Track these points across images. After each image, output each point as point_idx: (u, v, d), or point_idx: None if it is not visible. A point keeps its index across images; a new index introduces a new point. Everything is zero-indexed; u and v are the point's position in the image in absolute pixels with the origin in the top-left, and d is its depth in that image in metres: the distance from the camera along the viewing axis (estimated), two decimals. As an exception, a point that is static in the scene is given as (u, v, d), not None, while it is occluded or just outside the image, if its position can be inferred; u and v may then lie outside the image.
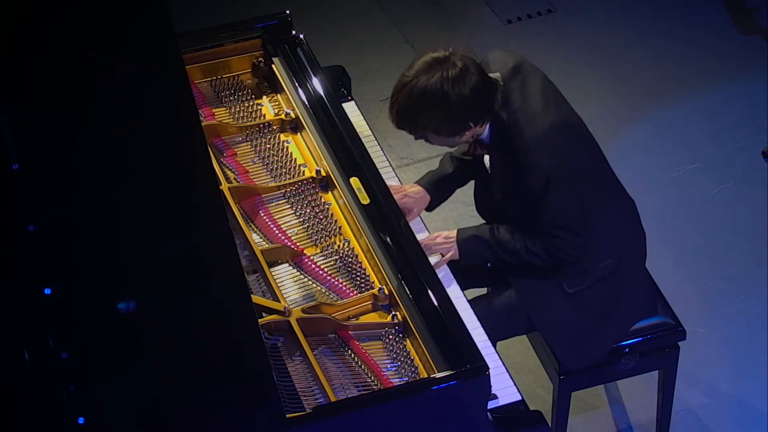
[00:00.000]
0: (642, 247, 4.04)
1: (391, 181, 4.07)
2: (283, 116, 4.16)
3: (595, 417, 4.52)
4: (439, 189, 4.13)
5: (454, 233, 3.95)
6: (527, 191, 3.77)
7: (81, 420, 3.07)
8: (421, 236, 3.96)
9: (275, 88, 4.27)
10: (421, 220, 4.11)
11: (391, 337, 3.61)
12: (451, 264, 3.95)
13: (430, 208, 4.15)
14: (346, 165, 3.94)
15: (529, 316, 3.96)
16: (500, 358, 3.67)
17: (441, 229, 4.12)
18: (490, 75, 3.78)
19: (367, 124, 4.30)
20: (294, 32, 4.32)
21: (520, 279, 3.96)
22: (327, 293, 3.71)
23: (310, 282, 3.73)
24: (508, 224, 3.90)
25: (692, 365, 4.58)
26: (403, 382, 3.49)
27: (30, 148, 3.14)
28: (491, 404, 3.48)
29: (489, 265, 4.01)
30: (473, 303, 3.86)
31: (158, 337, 3.15)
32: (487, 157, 3.94)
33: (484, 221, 4.09)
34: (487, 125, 3.81)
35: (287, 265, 3.77)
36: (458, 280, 3.89)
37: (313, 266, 3.76)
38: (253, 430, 3.22)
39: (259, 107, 4.22)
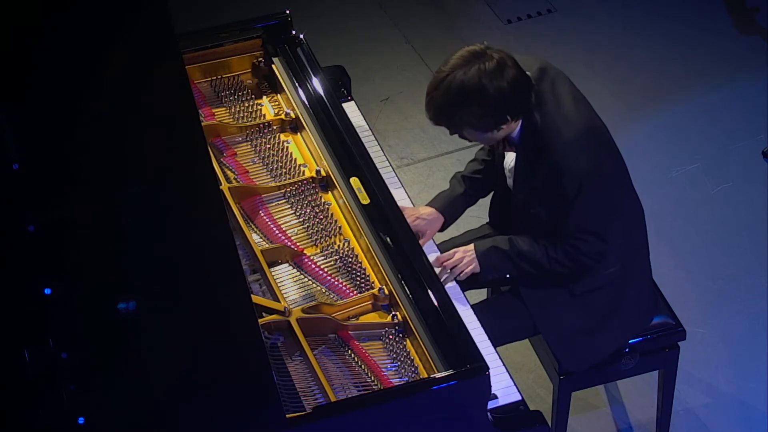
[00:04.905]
0: (645, 257, 4.00)
1: (391, 181, 4.06)
2: (283, 116, 4.16)
3: (595, 417, 4.52)
4: (451, 210, 4.08)
5: (471, 247, 3.89)
6: (558, 193, 3.71)
7: (81, 420, 3.07)
8: (434, 254, 3.94)
9: (275, 88, 4.27)
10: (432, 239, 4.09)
11: (391, 337, 3.61)
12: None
13: (442, 229, 4.11)
14: (346, 165, 3.94)
15: (532, 319, 3.93)
16: (500, 358, 3.67)
17: (440, 237, 4.11)
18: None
19: (367, 124, 4.30)
20: (294, 32, 4.32)
21: (526, 281, 3.93)
22: (327, 293, 3.71)
23: (310, 282, 3.73)
24: (525, 234, 3.85)
25: (692, 365, 4.58)
26: (403, 382, 3.49)
27: (30, 148, 3.13)
28: (491, 404, 3.48)
29: (508, 276, 3.92)
30: (476, 309, 3.83)
31: (158, 337, 3.15)
32: (508, 159, 3.89)
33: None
34: (519, 123, 3.76)
35: (287, 265, 3.77)
36: (458, 280, 3.89)
37: (313, 266, 3.76)
38: (253, 430, 3.22)
39: (259, 107, 4.22)
